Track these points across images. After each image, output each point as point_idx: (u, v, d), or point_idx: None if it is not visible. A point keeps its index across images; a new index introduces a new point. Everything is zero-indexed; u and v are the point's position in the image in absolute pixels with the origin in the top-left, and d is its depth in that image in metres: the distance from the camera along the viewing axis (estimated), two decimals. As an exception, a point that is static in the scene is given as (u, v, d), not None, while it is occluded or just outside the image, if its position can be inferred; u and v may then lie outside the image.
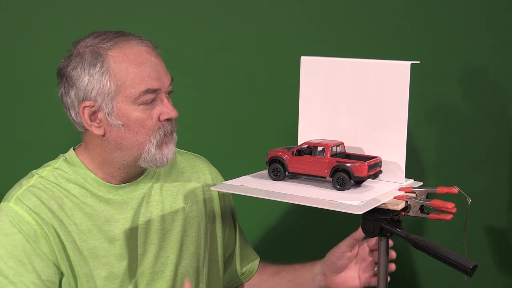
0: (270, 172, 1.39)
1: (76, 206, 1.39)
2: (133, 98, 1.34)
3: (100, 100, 1.34)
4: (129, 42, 1.36)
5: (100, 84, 1.33)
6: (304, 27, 2.09)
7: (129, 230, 1.43)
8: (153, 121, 1.36)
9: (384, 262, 1.33)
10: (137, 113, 1.35)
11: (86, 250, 1.38)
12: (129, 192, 1.45)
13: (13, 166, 1.89)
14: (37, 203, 1.35)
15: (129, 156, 1.38)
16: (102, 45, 1.35)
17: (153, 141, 1.37)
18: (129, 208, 1.44)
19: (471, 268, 1.15)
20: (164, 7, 1.99)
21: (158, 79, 1.36)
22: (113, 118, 1.34)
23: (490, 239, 2.23)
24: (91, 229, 1.39)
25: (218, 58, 2.05)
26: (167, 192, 1.51)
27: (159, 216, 1.47)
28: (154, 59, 1.37)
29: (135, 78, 1.33)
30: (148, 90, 1.34)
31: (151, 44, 1.40)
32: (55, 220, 1.36)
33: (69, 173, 1.41)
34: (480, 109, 2.19)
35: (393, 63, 1.32)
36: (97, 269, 1.39)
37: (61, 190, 1.39)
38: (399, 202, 1.26)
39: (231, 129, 2.10)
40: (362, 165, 1.28)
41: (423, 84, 2.10)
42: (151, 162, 1.38)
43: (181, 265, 1.50)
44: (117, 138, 1.36)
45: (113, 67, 1.33)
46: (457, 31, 2.15)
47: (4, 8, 1.87)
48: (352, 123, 1.39)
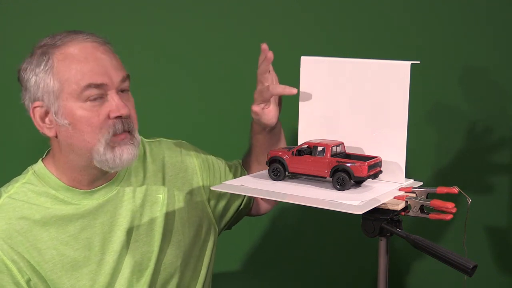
0: (270, 172, 1.39)
1: (50, 220, 1.35)
2: (76, 94, 1.30)
3: (47, 99, 1.31)
4: (74, 39, 1.33)
5: (44, 82, 1.30)
6: (304, 27, 2.09)
7: (108, 233, 1.40)
8: (100, 118, 1.31)
9: (384, 262, 1.33)
10: (82, 111, 1.30)
11: (67, 264, 1.36)
12: (103, 195, 1.41)
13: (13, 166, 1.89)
14: (5, 228, 1.32)
15: (82, 157, 1.34)
16: (52, 44, 1.32)
17: (101, 140, 1.31)
18: (105, 211, 1.40)
19: (471, 268, 1.15)
20: (165, 6, 1.99)
21: (102, 74, 1.31)
22: (60, 117, 1.31)
23: (490, 239, 2.23)
24: (68, 240, 1.36)
25: (218, 58, 2.05)
26: (142, 186, 1.46)
27: (137, 212, 1.43)
28: (100, 54, 1.33)
29: (77, 74, 1.30)
30: (90, 84, 1.30)
31: (100, 40, 1.35)
32: (26, 242, 1.33)
33: (39, 186, 1.37)
34: (480, 109, 2.19)
35: (393, 63, 1.32)
36: (82, 279, 1.37)
37: (31, 207, 1.35)
38: (399, 202, 1.26)
39: (231, 129, 2.09)
40: (362, 165, 1.28)
41: (423, 84, 2.10)
42: (103, 163, 1.32)
43: (166, 256, 1.46)
44: (67, 139, 1.33)
45: (56, 65, 1.30)
46: (457, 31, 2.15)
47: (4, 8, 1.87)
48: (352, 123, 1.39)
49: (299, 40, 2.08)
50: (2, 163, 1.93)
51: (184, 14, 2.01)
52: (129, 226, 1.42)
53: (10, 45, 1.90)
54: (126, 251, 1.41)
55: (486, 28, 2.16)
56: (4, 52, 1.90)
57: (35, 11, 1.89)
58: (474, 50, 2.16)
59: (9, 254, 1.32)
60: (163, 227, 1.46)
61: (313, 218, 2.18)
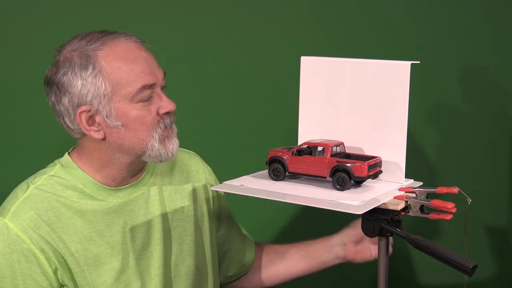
0: (270, 172, 1.39)
1: (76, 214, 1.36)
2: (130, 96, 1.31)
3: (97, 103, 1.30)
4: (117, 40, 1.33)
5: (95, 86, 1.30)
6: (304, 27, 2.09)
7: (130, 232, 1.41)
8: (152, 116, 1.34)
9: (384, 262, 1.33)
10: (136, 111, 1.32)
11: (90, 259, 1.36)
12: (129, 193, 1.43)
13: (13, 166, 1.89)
14: (34, 218, 1.32)
15: (132, 155, 1.36)
16: (89, 46, 1.31)
17: (155, 136, 1.35)
18: (128, 210, 1.42)
19: (471, 268, 1.16)
20: (165, 6, 1.99)
21: (152, 74, 1.33)
22: (112, 119, 1.32)
23: (490, 239, 2.23)
24: (92, 236, 1.37)
25: (218, 58, 2.05)
26: (166, 192, 1.49)
27: (159, 216, 1.46)
28: (145, 54, 1.35)
29: (130, 76, 1.30)
30: (144, 86, 1.31)
31: (139, 39, 1.36)
32: (53, 233, 1.33)
33: (67, 179, 1.38)
34: (480, 109, 2.19)
35: (393, 63, 1.32)
36: (102, 276, 1.37)
37: (58, 199, 1.36)
38: (399, 202, 1.26)
39: (231, 129, 2.09)
40: (362, 165, 1.28)
41: (423, 84, 2.10)
42: (156, 157, 1.37)
43: (183, 265, 1.49)
44: (118, 139, 1.34)
45: (106, 67, 1.30)
46: (457, 31, 2.15)
47: (4, 8, 1.87)
48: (352, 123, 1.39)
49: (299, 40, 2.08)
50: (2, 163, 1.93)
51: (183, 14, 2.01)
52: (149, 228, 1.44)
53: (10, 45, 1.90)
54: (145, 253, 1.43)
55: (486, 28, 2.16)
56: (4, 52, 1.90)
57: (35, 11, 1.89)
58: (474, 50, 2.16)
59: (38, 243, 1.32)
60: (179, 235, 1.49)
61: (313, 218, 2.18)
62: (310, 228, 2.21)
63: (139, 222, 1.43)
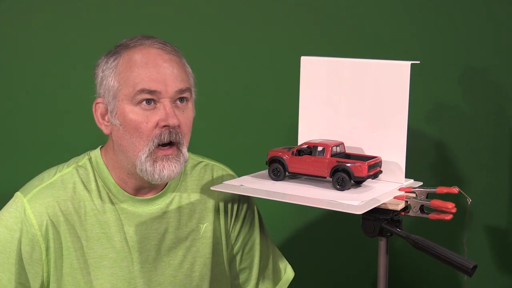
0: (270, 172, 1.39)
1: (91, 211, 1.36)
2: (129, 96, 1.30)
3: (107, 97, 1.33)
4: (143, 44, 1.34)
5: (107, 80, 1.33)
6: (304, 27, 2.09)
7: (139, 243, 1.38)
8: (148, 125, 1.30)
9: (384, 262, 1.33)
10: (133, 114, 1.30)
11: (92, 258, 1.35)
12: (145, 205, 1.39)
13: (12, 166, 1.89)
14: (51, 205, 1.33)
15: (129, 160, 1.33)
16: (125, 45, 1.35)
17: (145, 149, 1.30)
18: (142, 222, 1.39)
19: (471, 268, 1.16)
20: (165, 7, 1.99)
21: (159, 82, 1.30)
22: (114, 117, 1.32)
23: (490, 239, 2.23)
24: (100, 236, 1.36)
25: (218, 58, 2.05)
26: (185, 210, 1.44)
27: (173, 233, 1.42)
28: (162, 62, 1.32)
29: (135, 78, 1.31)
30: (143, 89, 1.29)
31: (168, 48, 1.35)
32: (66, 224, 1.33)
33: (91, 175, 1.38)
34: (480, 109, 2.19)
35: (393, 63, 1.32)
36: (99, 279, 1.36)
37: (81, 191, 1.36)
38: (399, 202, 1.26)
39: (231, 129, 2.09)
40: (362, 165, 1.28)
41: (423, 84, 2.10)
42: (143, 173, 1.31)
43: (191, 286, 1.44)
44: (118, 139, 1.34)
45: (120, 65, 1.32)
46: (457, 31, 2.15)
47: (4, 8, 1.87)
48: (352, 123, 1.39)
49: (299, 40, 2.08)
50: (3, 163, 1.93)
51: (183, 14, 2.01)
52: (159, 243, 1.40)
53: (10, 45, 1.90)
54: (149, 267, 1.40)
55: (486, 28, 2.16)
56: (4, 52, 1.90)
57: (35, 11, 1.89)
58: (474, 50, 2.16)
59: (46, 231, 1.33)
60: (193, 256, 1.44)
61: (313, 218, 2.18)
62: (310, 228, 2.22)
63: (150, 236, 1.39)
